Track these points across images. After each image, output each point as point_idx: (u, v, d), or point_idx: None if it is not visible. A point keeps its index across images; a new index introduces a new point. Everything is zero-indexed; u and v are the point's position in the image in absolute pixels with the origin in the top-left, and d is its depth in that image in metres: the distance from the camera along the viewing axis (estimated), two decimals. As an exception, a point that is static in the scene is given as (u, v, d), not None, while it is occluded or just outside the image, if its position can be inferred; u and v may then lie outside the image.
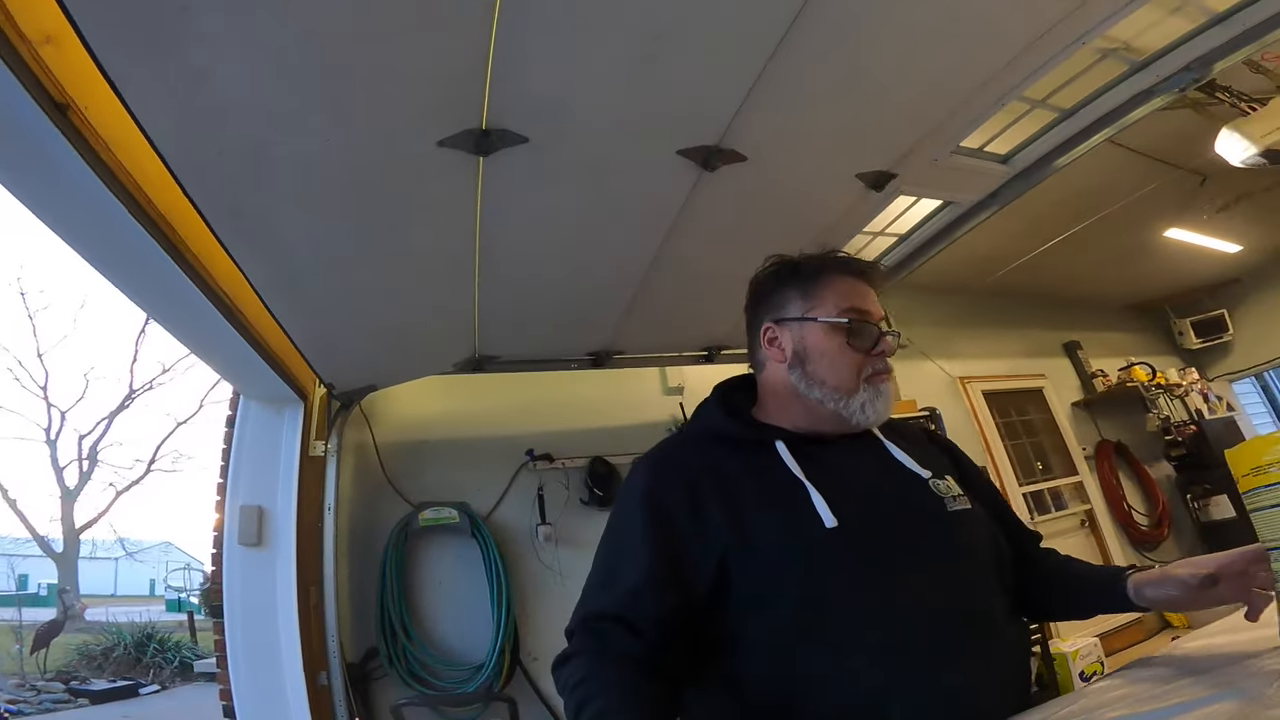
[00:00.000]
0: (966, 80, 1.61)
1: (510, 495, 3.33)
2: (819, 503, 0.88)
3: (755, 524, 0.88)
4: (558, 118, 1.38)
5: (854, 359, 0.98)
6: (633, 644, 0.82)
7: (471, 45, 1.12)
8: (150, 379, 19.10)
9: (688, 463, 0.96)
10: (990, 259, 4.48)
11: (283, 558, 2.61)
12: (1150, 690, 0.68)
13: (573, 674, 0.80)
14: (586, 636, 0.85)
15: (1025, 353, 5.38)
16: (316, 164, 1.27)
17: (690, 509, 0.90)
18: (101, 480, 18.10)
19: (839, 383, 0.98)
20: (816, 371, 0.98)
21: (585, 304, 2.48)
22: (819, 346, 0.99)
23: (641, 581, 0.85)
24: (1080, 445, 5.12)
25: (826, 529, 0.86)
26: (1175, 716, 0.59)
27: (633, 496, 0.94)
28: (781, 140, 1.70)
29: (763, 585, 0.86)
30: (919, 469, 0.97)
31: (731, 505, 0.90)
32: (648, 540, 0.88)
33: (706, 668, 0.90)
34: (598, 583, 0.91)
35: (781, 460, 0.94)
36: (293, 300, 1.81)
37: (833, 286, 1.01)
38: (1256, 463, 0.65)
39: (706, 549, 0.87)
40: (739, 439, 0.99)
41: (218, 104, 1.06)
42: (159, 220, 1.34)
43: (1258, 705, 0.56)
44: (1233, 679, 0.64)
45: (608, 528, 0.98)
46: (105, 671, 9.53)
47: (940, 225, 2.44)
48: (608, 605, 0.86)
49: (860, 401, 0.97)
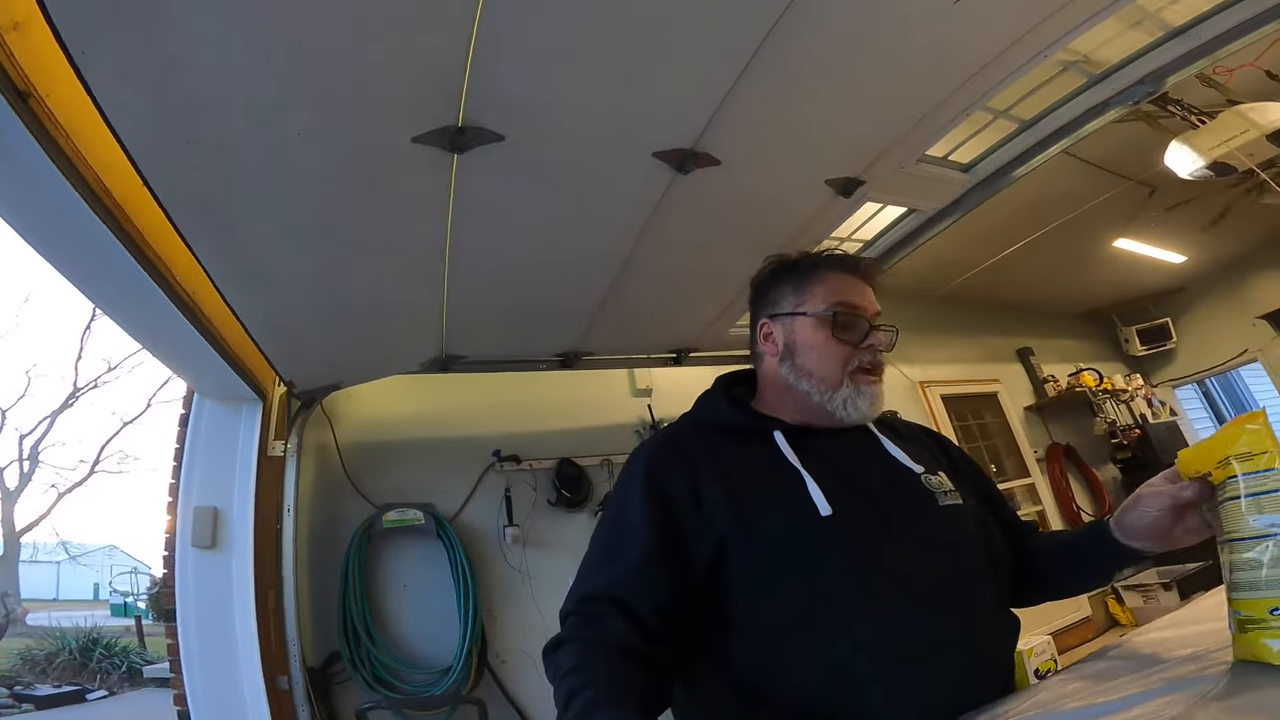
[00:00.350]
0: (934, 90, 1.66)
1: (477, 497, 3.29)
2: (815, 492, 0.90)
3: (753, 509, 0.90)
4: (535, 117, 1.38)
5: (840, 351, 1.00)
6: (628, 631, 0.81)
7: (452, 42, 1.11)
8: (95, 377, 18.28)
9: (689, 446, 0.97)
10: (949, 266, 4.60)
11: (239, 560, 2.53)
12: (1104, 684, 0.70)
13: (564, 661, 0.80)
14: (580, 621, 0.85)
15: (981, 358, 5.55)
16: (288, 156, 1.24)
17: (691, 489, 0.91)
18: (43, 481, 17.29)
19: (824, 375, 1.00)
20: (804, 364, 1.01)
21: (555, 304, 2.47)
22: (807, 340, 1.02)
23: (641, 558, 0.86)
24: (1032, 448, 5.31)
25: (822, 517, 0.88)
26: (1131, 708, 0.61)
27: (634, 477, 0.95)
28: (755, 145, 1.72)
29: (758, 568, 0.87)
30: (912, 464, 0.99)
31: (731, 489, 0.91)
32: (648, 518, 0.89)
33: (696, 653, 0.90)
34: (595, 562, 0.91)
35: (779, 450, 0.96)
36: (254, 296, 1.76)
37: (824, 282, 1.04)
38: (1219, 457, 0.68)
39: (706, 529, 0.89)
40: (739, 428, 1.01)
41: (191, 93, 1.03)
42: (115, 210, 1.29)
43: (1208, 697, 0.59)
44: (1183, 672, 0.67)
45: (606, 510, 0.99)
46: (50, 677, 9.14)
47: (904, 232, 2.50)
48: (605, 585, 0.86)
49: (843, 397, 0.99)
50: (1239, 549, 0.66)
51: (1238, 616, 0.66)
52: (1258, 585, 0.64)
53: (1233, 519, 0.67)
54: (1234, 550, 0.67)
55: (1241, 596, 0.65)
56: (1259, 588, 0.63)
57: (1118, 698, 0.64)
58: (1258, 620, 0.63)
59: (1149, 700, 0.61)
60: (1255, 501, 0.65)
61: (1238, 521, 0.66)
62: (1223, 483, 0.68)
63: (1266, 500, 0.64)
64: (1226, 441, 0.68)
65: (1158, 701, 0.60)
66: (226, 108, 1.07)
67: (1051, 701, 0.71)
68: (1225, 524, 0.68)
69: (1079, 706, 0.66)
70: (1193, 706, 0.57)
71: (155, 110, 1.04)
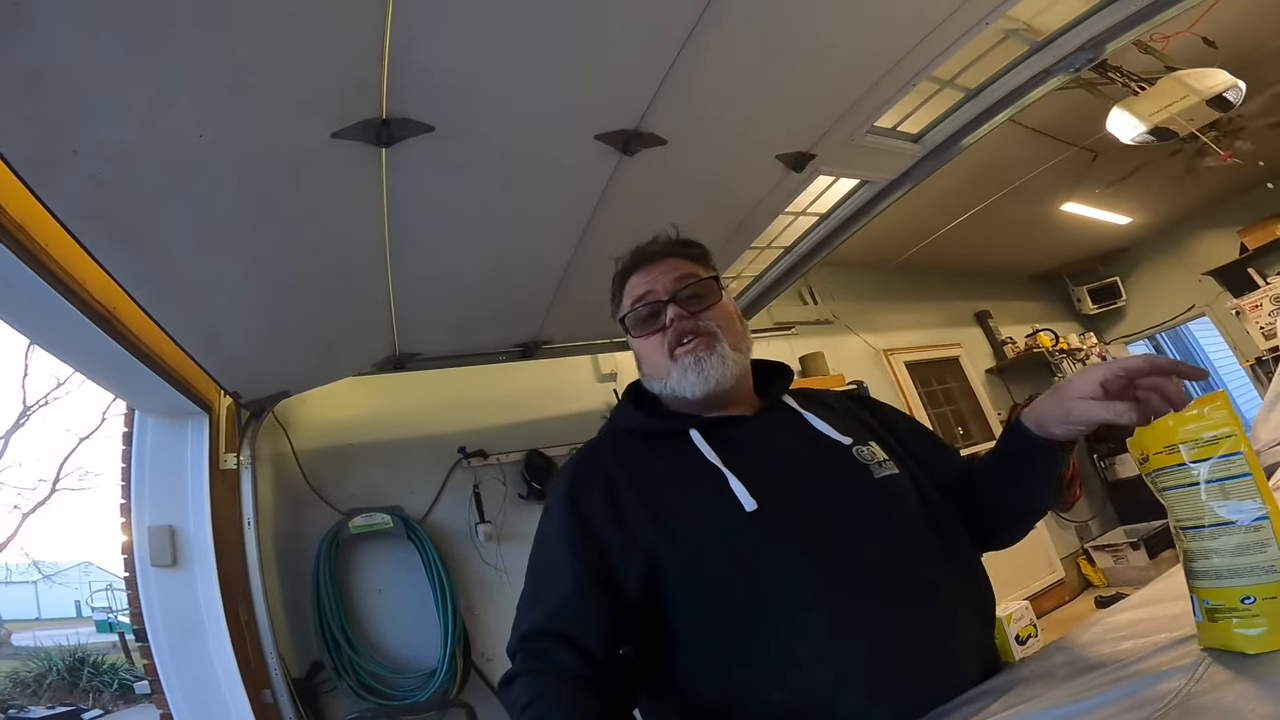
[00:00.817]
0: (879, 61, 1.62)
1: (445, 495, 3.23)
2: (737, 487, 0.86)
3: (675, 518, 0.87)
4: (464, 104, 1.30)
5: (652, 343, 1.00)
6: (575, 661, 0.80)
7: (363, 29, 1.03)
8: (45, 394, 17.52)
9: (605, 461, 0.94)
10: (904, 234, 4.65)
11: (203, 577, 2.45)
12: (1076, 679, 0.68)
13: (520, 695, 0.79)
14: (528, 657, 0.83)
15: (942, 323, 5.64)
16: (190, 161, 1.14)
17: (609, 508, 0.88)
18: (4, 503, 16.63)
19: (654, 370, 1.00)
20: (645, 369, 1.03)
21: (508, 295, 2.40)
22: (637, 344, 1.03)
23: (570, 591, 0.84)
24: (995, 410, 5.43)
25: (747, 513, 0.84)
26: (1105, 705, 0.59)
27: (558, 502, 0.92)
28: (701, 123, 1.67)
29: (690, 580, 0.84)
30: (840, 436, 0.94)
31: (651, 502, 0.88)
32: (572, 547, 0.87)
33: (654, 675, 0.87)
34: (529, 598, 0.89)
35: (697, 448, 0.92)
36: (179, 309, 1.66)
37: (626, 287, 1.05)
38: (1169, 442, 0.65)
39: (630, 549, 0.86)
40: (652, 432, 0.98)
41: (66, 101, 0.94)
42: (11, 227, 1.18)
43: (1184, 693, 0.57)
44: (1156, 663, 0.65)
45: (537, 537, 0.95)
46: (41, 699, 8.88)
47: (859, 204, 2.48)
48: (541, 621, 0.84)
49: (675, 380, 0.97)
50: (1202, 536, 0.63)
51: (1205, 605, 0.63)
52: (1224, 573, 0.61)
53: (1192, 505, 0.64)
54: (1196, 538, 0.64)
55: (1208, 585, 0.63)
56: (1226, 575, 0.61)
57: (1089, 695, 0.62)
58: (1228, 609, 0.61)
59: (1122, 699, 0.59)
60: (1219, 487, 0.62)
61: (1198, 508, 0.63)
62: (1177, 467, 0.65)
63: (1232, 486, 0.61)
64: (1183, 423, 0.65)
65: (1131, 699, 0.58)
66: (106, 114, 0.98)
67: (1027, 697, 0.68)
68: (1183, 510, 0.65)
69: (1048, 707, 0.63)
70: (1169, 705, 0.56)
71: (28, 122, 0.94)
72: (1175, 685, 0.58)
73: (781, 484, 0.88)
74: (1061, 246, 6.08)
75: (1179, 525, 0.66)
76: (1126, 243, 6.40)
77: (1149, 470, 0.69)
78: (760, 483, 0.86)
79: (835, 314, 5.00)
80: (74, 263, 1.39)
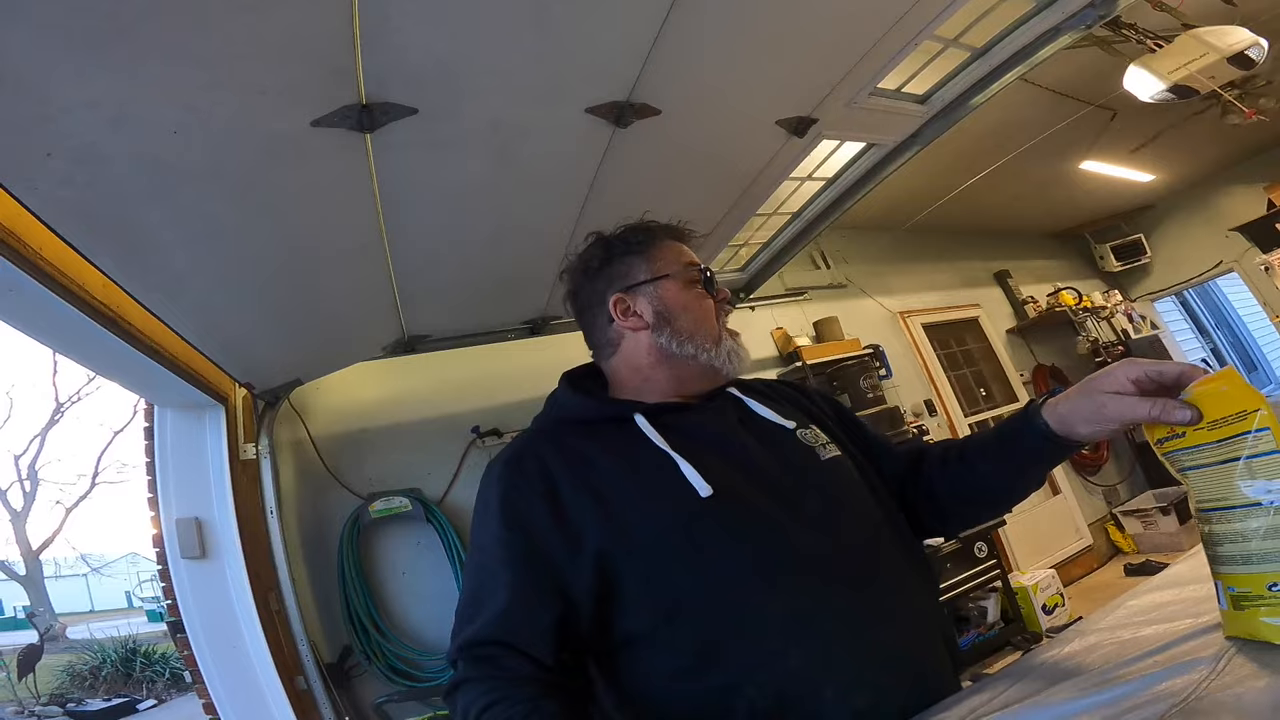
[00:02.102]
0: (877, 20, 1.55)
1: (462, 476, 3.25)
2: (690, 473, 0.82)
3: (627, 512, 0.82)
4: (446, 84, 1.26)
5: (710, 306, 0.99)
6: (526, 665, 0.77)
7: (331, 13, 0.99)
8: (76, 390, 18.00)
9: (542, 459, 0.87)
10: (918, 195, 4.54)
11: (232, 567, 2.50)
12: (1097, 665, 0.65)
13: (472, 702, 0.74)
14: (475, 664, 0.78)
15: (959, 284, 5.52)
16: (169, 157, 1.11)
17: (551, 513, 0.82)
18: (48, 499, 17.23)
19: (706, 331, 0.96)
20: (684, 326, 0.96)
21: (512, 274, 2.38)
22: (680, 301, 0.97)
23: (509, 602, 0.79)
24: (1018, 371, 5.32)
25: (703, 499, 0.80)
26: (1124, 699, 0.56)
27: (489, 508, 0.86)
28: (696, 91, 1.61)
29: (647, 575, 0.80)
30: (783, 421, 0.93)
31: (598, 497, 0.83)
32: (510, 557, 0.82)
33: (611, 685, 0.84)
34: (466, 607, 0.83)
35: (643, 434, 0.88)
36: (181, 305, 1.66)
37: (669, 247, 1.01)
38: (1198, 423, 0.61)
39: (577, 553, 0.81)
40: (594, 419, 0.93)
41: (28, 104, 0.91)
42: (2, 233, 1.18)
43: (1205, 686, 0.54)
44: (1180, 652, 0.62)
45: (470, 543, 0.90)
46: (98, 691, 9.22)
47: (866, 167, 2.41)
48: (480, 632, 0.79)
49: (726, 349, 0.96)
50: (1227, 518, 0.60)
51: (1231, 592, 0.60)
52: (1251, 558, 0.58)
53: (1215, 486, 0.60)
54: (1221, 520, 0.60)
55: (1234, 570, 0.60)
56: (1253, 561, 0.58)
57: (1106, 688, 0.59)
58: (1255, 596, 0.57)
59: (1140, 692, 0.56)
60: (1246, 465, 0.58)
61: (1222, 488, 0.59)
62: (1198, 447, 0.61)
63: (1259, 465, 0.57)
64: (1201, 403, 0.61)
65: (1149, 692, 0.55)
66: (73, 113, 0.95)
67: (1041, 689, 0.65)
68: (1205, 491, 0.61)
69: (1062, 699, 0.60)
70: (1188, 700, 0.53)
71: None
72: (1195, 678, 0.55)
73: (732, 468, 0.85)
74: (1082, 204, 5.89)
75: (1201, 507, 0.62)
76: (1150, 200, 6.19)
77: (1167, 450, 0.65)
78: (711, 467, 0.83)
79: (849, 278, 4.91)
80: (71, 265, 1.38)
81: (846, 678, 0.74)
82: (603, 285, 1.00)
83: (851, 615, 0.77)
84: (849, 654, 0.75)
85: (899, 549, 0.88)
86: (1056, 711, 0.59)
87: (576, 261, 1.05)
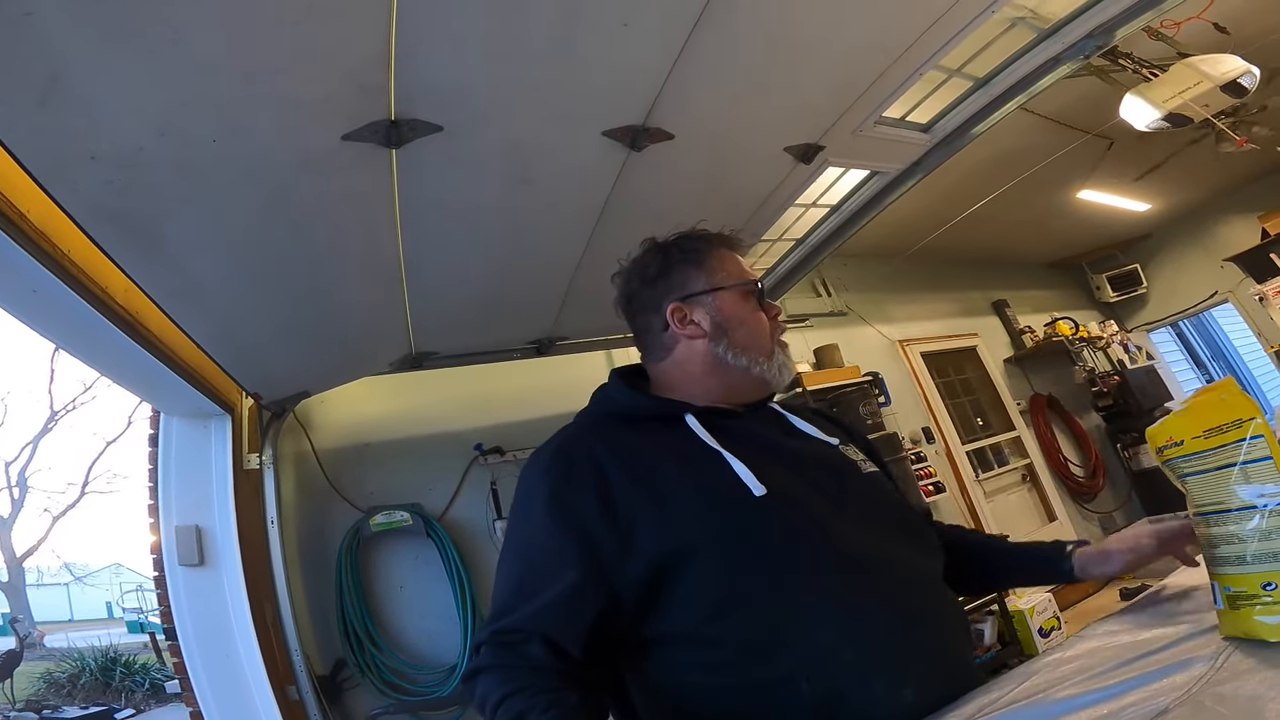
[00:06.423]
0: (885, 51, 1.61)
1: (463, 492, 3.25)
2: (743, 472, 0.84)
3: (681, 508, 0.82)
4: (471, 104, 1.31)
5: (765, 321, 1.01)
6: (549, 656, 0.76)
7: (369, 33, 1.04)
8: (72, 399, 17.98)
9: (593, 451, 0.87)
10: (918, 223, 4.60)
11: (229, 576, 2.50)
12: (1099, 665, 0.68)
13: (492, 690, 0.74)
14: (500, 650, 0.78)
15: (957, 313, 5.57)
16: (206, 166, 1.16)
17: (601, 506, 0.82)
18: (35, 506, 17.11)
19: (761, 344, 0.99)
20: (740, 338, 0.98)
21: (521, 293, 2.42)
22: (737, 314, 0.99)
23: (561, 594, 0.79)
24: (1015, 400, 5.35)
25: (756, 498, 0.82)
26: (1125, 694, 0.58)
27: (534, 499, 0.86)
28: (709, 117, 1.67)
29: (704, 572, 0.80)
30: (826, 436, 0.97)
31: (651, 491, 0.83)
32: (558, 549, 0.81)
33: (645, 685, 0.85)
34: (510, 596, 0.82)
35: (694, 433, 0.89)
36: (199, 311, 1.69)
37: (724, 259, 1.03)
38: (1199, 428, 0.65)
39: (628, 547, 0.81)
40: (646, 415, 0.95)
41: (80, 108, 0.95)
42: (34, 234, 1.21)
43: (1204, 681, 0.57)
44: (1177, 651, 0.64)
45: (511, 533, 0.89)
46: (75, 698, 9.04)
47: (869, 194, 2.47)
48: (523, 621, 0.78)
49: (778, 363, 0.99)
50: (1223, 521, 0.63)
51: (1227, 592, 0.63)
52: (1246, 559, 0.61)
53: (1212, 491, 0.63)
54: (1217, 523, 0.63)
55: (1229, 571, 0.62)
56: (1248, 562, 0.60)
57: (1111, 684, 0.62)
58: (1250, 596, 0.60)
59: (1143, 687, 0.59)
60: (1242, 471, 0.61)
61: (1218, 492, 0.63)
62: (1196, 454, 0.65)
63: (1254, 470, 0.60)
64: (1200, 412, 0.64)
65: (1152, 687, 0.58)
66: (121, 120, 0.99)
67: (1045, 687, 0.68)
68: (1203, 495, 0.65)
69: (1068, 695, 0.63)
70: (1190, 693, 0.55)
71: (44, 129, 0.96)
72: (1196, 674, 0.58)
73: (784, 471, 0.87)
74: (1079, 234, 5.97)
75: (1199, 511, 0.66)
76: (1146, 229, 6.28)
77: (1167, 459, 0.68)
78: (763, 468, 0.85)
79: (849, 305, 4.96)
80: (96, 268, 1.42)
81: (895, 671, 0.77)
82: (660, 293, 1.01)
83: (898, 613, 0.81)
84: (897, 649, 0.78)
85: (930, 556, 0.93)
86: (1062, 706, 0.61)
87: (632, 267, 1.06)
